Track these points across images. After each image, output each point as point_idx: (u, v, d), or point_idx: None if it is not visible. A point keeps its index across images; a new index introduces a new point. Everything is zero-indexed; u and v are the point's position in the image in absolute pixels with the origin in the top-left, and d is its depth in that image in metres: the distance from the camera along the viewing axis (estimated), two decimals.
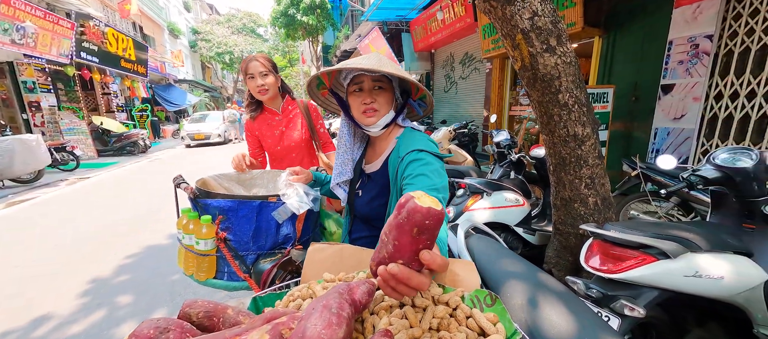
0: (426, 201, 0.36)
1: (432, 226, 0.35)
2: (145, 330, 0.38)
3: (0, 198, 5.11)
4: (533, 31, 1.58)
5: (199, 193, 1.05)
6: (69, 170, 7.18)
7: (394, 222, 0.37)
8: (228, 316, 0.48)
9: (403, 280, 0.37)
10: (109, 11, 11.72)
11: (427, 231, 0.36)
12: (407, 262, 0.38)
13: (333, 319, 0.32)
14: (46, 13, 7.51)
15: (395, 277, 0.37)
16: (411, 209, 0.35)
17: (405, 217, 0.35)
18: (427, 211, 0.35)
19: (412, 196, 0.36)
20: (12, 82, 7.86)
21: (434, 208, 0.35)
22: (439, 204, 0.36)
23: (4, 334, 1.94)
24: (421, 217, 0.35)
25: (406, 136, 0.92)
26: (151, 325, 0.39)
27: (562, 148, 1.80)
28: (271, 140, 1.67)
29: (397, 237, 0.36)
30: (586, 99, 1.74)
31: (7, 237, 3.51)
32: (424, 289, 0.38)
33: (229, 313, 0.48)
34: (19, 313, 2.14)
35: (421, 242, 0.36)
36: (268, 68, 1.54)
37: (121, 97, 12.05)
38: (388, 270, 0.37)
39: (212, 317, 0.47)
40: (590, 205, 1.87)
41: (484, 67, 6.51)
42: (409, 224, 0.35)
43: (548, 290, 0.90)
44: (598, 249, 1.34)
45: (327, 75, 0.96)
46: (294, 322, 0.36)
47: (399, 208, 0.37)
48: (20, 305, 2.23)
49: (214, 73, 29.02)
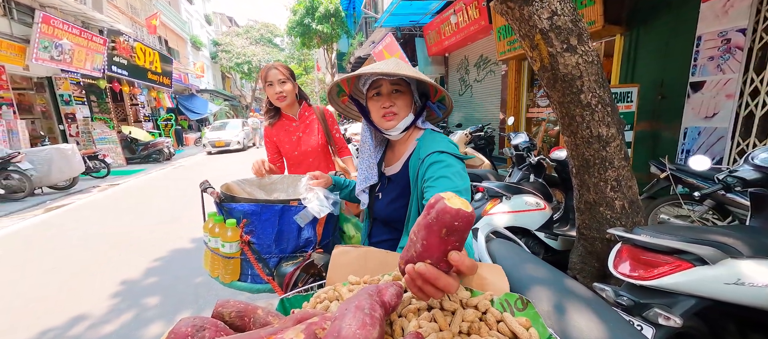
0: (456, 202, 0.35)
1: (461, 227, 0.35)
2: (183, 328, 0.40)
3: (39, 204, 5.45)
4: (553, 30, 1.55)
5: (224, 198, 1.09)
6: (101, 177, 7.59)
7: (423, 222, 0.37)
8: (258, 316, 0.49)
9: (430, 280, 0.37)
10: (137, 27, 12.40)
11: (456, 232, 0.35)
12: (435, 262, 0.37)
13: (367, 320, 0.32)
14: (81, 31, 8.03)
15: (422, 277, 0.37)
16: (440, 210, 0.35)
17: (434, 217, 0.35)
18: (456, 212, 0.34)
19: (442, 197, 0.36)
20: (50, 96, 8.42)
21: (464, 209, 0.35)
22: (469, 206, 0.36)
23: (44, 332, 2.05)
24: (450, 218, 0.35)
25: (426, 138, 0.92)
26: (188, 323, 0.41)
27: (586, 150, 1.75)
28: (289, 145, 1.71)
29: (426, 237, 0.36)
30: (610, 99, 1.68)
31: (46, 240, 3.74)
32: (452, 291, 0.38)
33: (259, 313, 0.49)
34: (58, 311, 2.26)
35: (449, 243, 0.36)
36: (287, 76, 1.60)
37: (148, 107, 12.67)
38: (415, 269, 0.37)
39: (243, 317, 0.48)
40: (617, 209, 1.79)
41: (500, 69, 6.42)
42: (437, 225, 0.35)
43: (576, 297, 0.86)
44: (628, 254, 1.28)
45: (346, 81, 0.97)
46: (326, 322, 0.36)
47: (428, 208, 0.37)
48: (58, 304, 2.36)
49: (233, 82, 30.05)
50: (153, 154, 10.23)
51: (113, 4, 10.32)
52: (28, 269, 2.99)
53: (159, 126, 13.43)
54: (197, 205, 1.16)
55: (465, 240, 0.37)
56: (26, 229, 4.23)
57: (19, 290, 2.60)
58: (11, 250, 3.51)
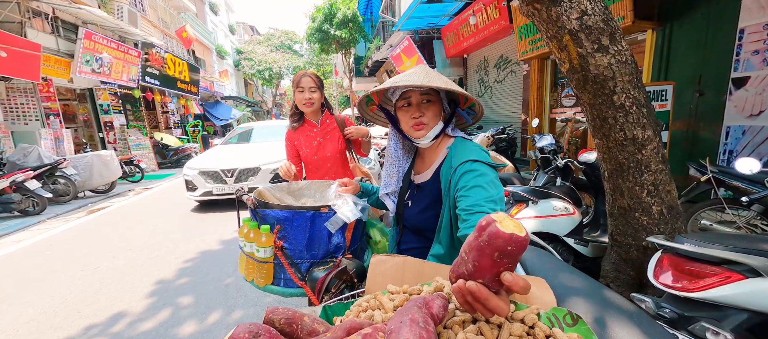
0: (508, 225, 0.35)
1: (514, 252, 0.35)
2: (241, 334, 0.42)
3: (82, 206, 5.86)
4: (582, 31, 1.50)
5: (258, 204, 1.13)
6: (136, 181, 8.06)
7: (474, 243, 0.38)
8: (305, 323, 0.51)
9: (481, 300, 0.38)
10: (167, 39, 13.12)
11: (509, 256, 0.35)
12: (487, 282, 0.38)
13: (423, 334, 0.33)
14: (118, 45, 8.60)
15: (473, 295, 0.38)
16: (492, 234, 0.35)
17: (486, 240, 0.36)
18: (509, 237, 0.34)
19: (494, 220, 0.36)
20: (91, 106, 9.06)
21: (517, 234, 0.34)
22: (522, 230, 0.36)
23: (89, 328, 2.20)
24: (502, 243, 0.35)
25: (457, 146, 0.91)
26: (245, 329, 0.43)
27: (619, 153, 1.68)
28: (309, 150, 1.78)
29: (478, 258, 0.37)
30: (645, 99, 1.61)
31: (89, 241, 4.02)
32: (502, 314, 0.38)
33: (306, 320, 0.51)
34: (100, 309, 2.42)
35: (502, 265, 0.36)
36: (317, 85, 1.69)
37: (177, 114, 13.34)
38: (467, 286, 0.38)
39: (292, 323, 0.50)
40: (654, 215, 1.71)
41: (521, 70, 6.27)
42: (490, 248, 0.35)
43: (617, 309, 0.83)
44: (671, 264, 1.22)
45: (376, 94, 0.99)
46: (379, 333, 0.37)
47: (479, 231, 0.37)
48: (100, 302, 2.52)
49: (255, 88, 31.10)
50: (182, 159, 10.74)
51: (146, 19, 10.98)
52: (72, 268, 3.22)
53: (187, 132, 14.09)
54: (222, 208, 1.22)
55: (517, 262, 0.37)
56: (72, 230, 4.56)
57: (64, 287, 2.81)
58: (59, 249, 3.80)
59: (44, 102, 7.02)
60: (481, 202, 0.74)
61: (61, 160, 5.80)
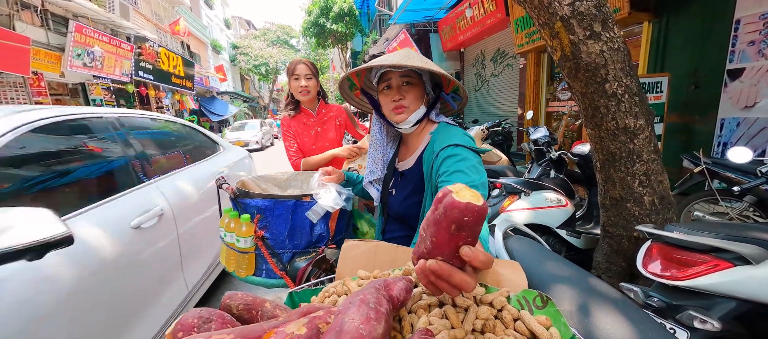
0: (465, 195, 0.33)
1: (472, 222, 0.32)
2: (190, 319, 0.40)
3: None
4: (574, 17, 1.47)
5: (239, 193, 1.10)
6: None
7: (431, 217, 0.35)
8: (266, 309, 0.48)
9: (443, 277, 0.35)
10: (161, 33, 12.95)
11: (466, 227, 0.33)
12: (447, 258, 0.35)
13: (371, 314, 0.30)
14: (110, 38, 8.47)
15: (435, 273, 0.35)
16: (448, 205, 0.32)
17: (442, 212, 0.33)
18: (465, 206, 0.32)
19: (450, 191, 0.33)
20: (84, 101, 8.94)
21: (474, 203, 0.32)
22: (480, 198, 0.33)
23: None
24: (458, 213, 0.32)
25: (440, 131, 0.89)
26: (194, 314, 0.40)
27: (611, 143, 1.65)
28: (307, 139, 1.76)
29: (435, 233, 0.34)
30: (638, 88, 1.59)
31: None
32: (469, 289, 0.35)
33: (267, 306, 0.49)
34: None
35: (460, 239, 0.33)
36: (312, 72, 1.66)
37: (173, 110, 13.21)
38: (427, 265, 0.35)
39: (251, 310, 0.48)
40: (646, 205, 1.69)
41: (518, 63, 6.23)
42: (446, 220, 0.33)
43: (602, 296, 0.81)
44: (659, 253, 1.20)
45: (356, 75, 0.96)
46: (331, 316, 0.35)
47: (436, 203, 0.35)
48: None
49: (251, 84, 30.85)
50: None
51: (139, 12, 10.81)
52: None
53: None
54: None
55: (478, 234, 0.35)
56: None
57: None
58: None
59: (35, 97, 6.92)
60: None
61: None
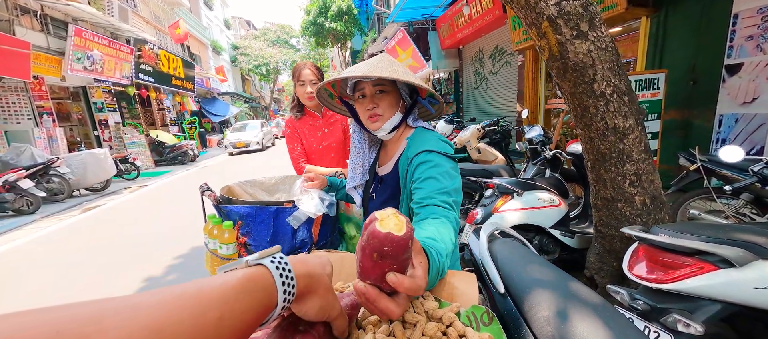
0: (388, 224, 0.33)
1: (392, 252, 0.33)
2: None
3: (76, 205, 5.86)
4: (561, 17, 1.46)
5: (221, 200, 1.11)
6: (131, 179, 8.05)
7: (359, 243, 0.36)
8: None
9: (370, 300, 0.36)
10: (161, 35, 13.00)
11: (388, 256, 0.33)
12: (376, 282, 0.36)
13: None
14: (110, 42, 8.52)
15: (363, 296, 0.36)
16: (370, 233, 0.33)
17: (366, 239, 0.34)
18: (384, 236, 0.32)
19: (375, 218, 0.34)
20: (85, 104, 9.01)
21: (394, 234, 0.32)
22: (403, 227, 0.33)
23: None
24: (378, 243, 0.33)
25: (416, 136, 0.88)
26: None
27: (601, 143, 1.64)
28: (314, 140, 1.77)
29: (362, 259, 0.35)
30: (627, 87, 1.57)
31: (85, 239, 4.02)
32: (393, 316, 0.37)
33: None
34: None
35: (386, 265, 0.34)
36: (317, 77, 1.65)
37: (173, 111, 13.28)
38: (356, 287, 0.36)
39: None
40: (637, 205, 1.68)
41: (516, 60, 6.19)
42: (369, 248, 0.33)
43: (581, 301, 0.81)
44: (645, 255, 1.19)
45: (331, 85, 0.96)
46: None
47: (364, 229, 0.35)
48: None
49: (252, 84, 30.90)
50: (179, 156, 10.72)
51: (138, 15, 10.86)
52: (65, 266, 3.22)
53: (184, 129, 14.05)
54: None
55: (405, 261, 0.35)
56: (66, 228, 4.56)
57: (56, 286, 2.81)
58: (53, 248, 3.80)
59: (36, 101, 6.98)
60: (432, 195, 0.72)
61: (55, 159, 5.79)
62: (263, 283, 0.30)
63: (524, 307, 0.79)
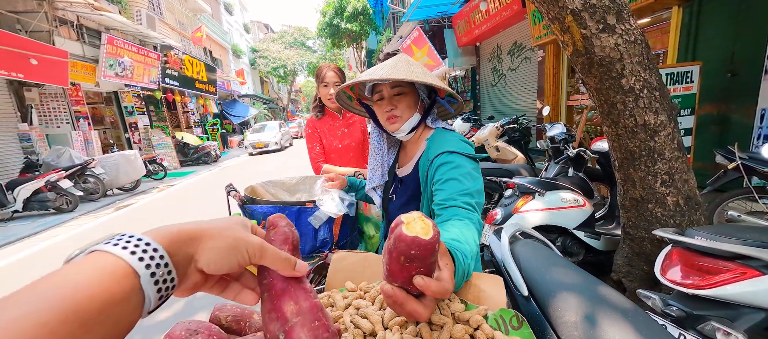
0: (415, 227, 0.33)
1: (420, 255, 0.33)
2: (178, 331, 0.42)
3: (110, 203, 6.22)
4: (586, 10, 1.40)
5: (246, 200, 1.14)
6: (159, 179, 8.45)
7: (386, 246, 0.36)
8: (254, 321, 0.50)
9: (398, 303, 0.36)
10: (185, 40, 13.54)
11: (415, 260, 0.33)
12: (403, 284, 0.36)
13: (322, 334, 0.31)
14: (139, 48, 8.96)
15: (391, 298, 0.36)
16: (396, 237, 0.33)
17: (392, 243, 0.34)
18: (411, 240, 0.32)
19: (402, 222, 0.34)
20: (117, 108, 9.54)
21: (421, 237, 0.32)
22: (430, 231, 0.33)
23: None
24: (405, 247, 0.33)
25: (436, 137, 0.88)
26: (183, 327, 0.43)
27: (629, 141, 1.57)
28: (334, 140, 1.80)
29: (389, 262, 0.35)
30: (658, 82, 1.49)
31: None
32: (420, 319, 0.37)
33: (255, 318, 0.51)
34: None
35: (412, 269, 0.34)
36: (340, 79, 1.69)
37: (197, 114, 13.81)
38: (383, 289, 0.36)
39: (240, 321, 0.50)
40: (669, 206, 1.59)
41: (536, 56, 6.02)
42: (396, 251, 0.33)
43: (610, 306, 0.78)
44: (680, 259, 1.13)
45: (350, 88, 0.97)
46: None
47: (390, 232, 0.36)
48: None
49: (270, 86, 31.67)
50: (202, 157, 11.16)
51: (164, 22, 11.37)
52: None
53: (207, 130, 14.59)
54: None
55: (432, 265, 0.35)
56: (101, 226, 4.85)
57: None
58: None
59: (74, 106, 7.45)
60: (454, 196, 0.71)
61: (90, 160, 6.16)
62: (123, 287, 0.22)
63: (549, 310, 0.77)
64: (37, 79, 6.13)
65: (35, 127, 6.79)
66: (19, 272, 3.35)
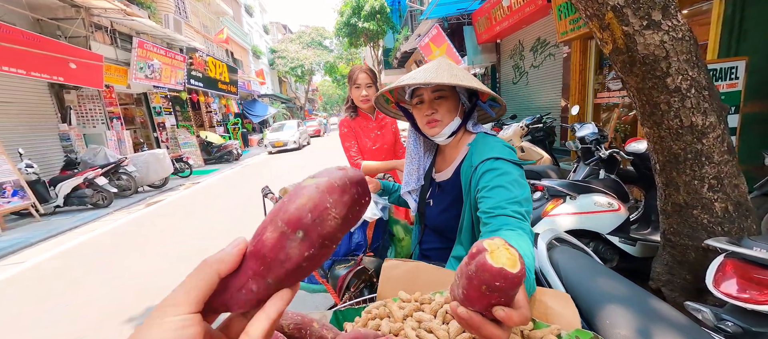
0: (500, 257, 0.31)
1: (503, 288, 0.31)
2: None
3: (141, 200, 6.54)
4: (628, 6, 1.34)
5: None
6: (185, 177, 8.80)
7: (464, 269, 0.34)
8: (314, 329, 0.51)
9: (473, 327, 0.35)
10: (208, 43, 14.01)
11: (498, 291, 0.31)
12: (480, 310, 0.34)
13: None
14: (166, 51, 9.35)
15: (465, 322, 0.35)
16: (480, 265, 0.31)
17: (474, 270, 0.32)
18: (498, 272, 0.30)
19: (485, 250, 0.32)
20: (146, 108, 9.99)
21: (508, 270, 0.30)
22: (516, 263, 0.31)
23: (150, 309, 2.46)
24: (489, 277, 0.31)
25: (478, 142, 0.86)
26: None
27: (674, 143, 1.49)
28: (368, 140, 1.83)
29: (466, 287, 0.33)
30: (707, 81, 1.40)
31: (148, 231, 4.48)
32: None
33: (315, 326, 0.51)
34: (158, 293, 2.70)
35: (492, 298, 0.32)
36: (371, 81, 1.71)
37: (219, 113, 14.27)
38: (458, 312, 0.35)
39: (301, 329, 0.51)
40: (717, 212, 1.50)
41: (561, 52, 5.81)
42: (477, 280, 0.31)
43: (664, 321, 0.74)
44: (736, 270, 1.06)
45: (389, 92, 0.97)
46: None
47: (470, 258, 0.33)
48: (158, 286, 2.81)
49: (288, 86, 32.26)
50: (225, 155, 11.52)
51: (189, 25, 11.79)
52: (135, 254, 3.61)
53: (228, 130, 15.05)
54: (262, 202, 1.27)
55: (513, 296, 0.33)
56: (134, 221, 5.11)
57: (130, 271, 3.16)
58: (124, 238, 4.28)
59: (108, 107, 7.87)
60: (503, 205, 0.69)
61: (123, 159, 6.50)
62: None
63: (596, 322, 0.74)
64: (75, 82, 6.51)
65: (74, 127, 7.22)
66: (66, 263, 3.58)
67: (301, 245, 0.25)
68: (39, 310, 2.59)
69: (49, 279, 3.20)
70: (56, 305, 2.65)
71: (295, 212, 0.25)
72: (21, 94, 6.37)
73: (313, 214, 0.25)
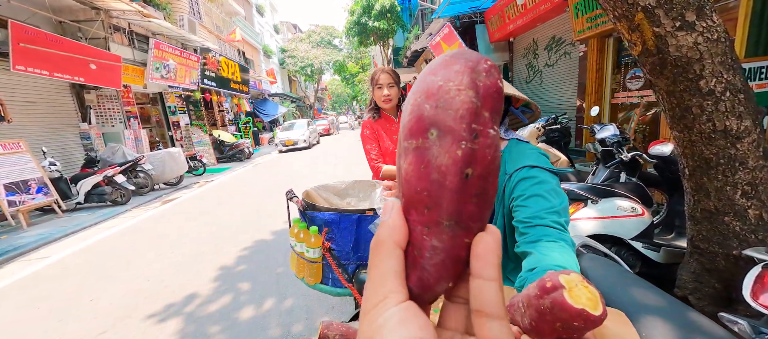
0: (580, 297, 0.28)
1: (582, 328, 0.28)
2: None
3: (157, 197, 6.69)
4: (660, 6, 1.30)
5: (306, 206, 1.18)
6: (199, 175, 8.97)
7: (534, 302, 0.32)
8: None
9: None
10: (221, 43, 14.22)
11: (576, 330, 0.29)
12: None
13: None
14: (181, 52, 9.53)
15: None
16: (557, 304, 0.28)
17: (549, 307, 0.29)
18: (578, 313, 0.27)
19: (563, 286, 0.29)
20: (161, 108, 10.22)
21: (590, 313, 0.27)
22: (598, 305, 0.28)
23: (169, 306, 2.52)
24: (569, 318, 0.28)
25: (511, 149, 0.85)
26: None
27: (705, 148, 1.44)
28: (391, 142, 1.81)
29: (536, 319, 0.31)
30: (743, 84, 1.35)
31: (166, 228, 4.58)
32: None
33: None
34: (176, 290, 2.76)
35: (565, 334, 0.31)
36: (394, 81, 1.70)
37: (231, 112, 14.49)
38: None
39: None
40: (750, 220, 1.44)
41: (577, 51, 5.69)
42: (551, 317, 0.29)
43: (701, 333, 0.72)
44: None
45: None
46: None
47: (542, 291, 0.31)
48: (176, 283, 2.87)
49: (298, 85, 32.51)
50: (237, 154, 11.70)
51: (203, 26, 11.99)
52: (153, 252, 3.70)
53: (240, 128, 15.27)
54: (273, 200, 1.29)
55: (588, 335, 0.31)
56: (151, 218, 5.24)
57: (148, 269, 3.24)
58: (143, 235, 4.39)
59: (125, 106, 8.08)
60: (541, 214, 0.68)
61: (140, 157, 6.66)
62: None
63: None
64: (95, 82, 6.70)
65: (93, 126, 7.44)
66: (88, 259, 3.70)
67: (441, 147, 0.18)
68: (63, 305, 2.69)
69: (73, 274, 3.31)
70: (80, 300, 2.74)
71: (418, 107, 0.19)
72: (44, 95, 6.60)
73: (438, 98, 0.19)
